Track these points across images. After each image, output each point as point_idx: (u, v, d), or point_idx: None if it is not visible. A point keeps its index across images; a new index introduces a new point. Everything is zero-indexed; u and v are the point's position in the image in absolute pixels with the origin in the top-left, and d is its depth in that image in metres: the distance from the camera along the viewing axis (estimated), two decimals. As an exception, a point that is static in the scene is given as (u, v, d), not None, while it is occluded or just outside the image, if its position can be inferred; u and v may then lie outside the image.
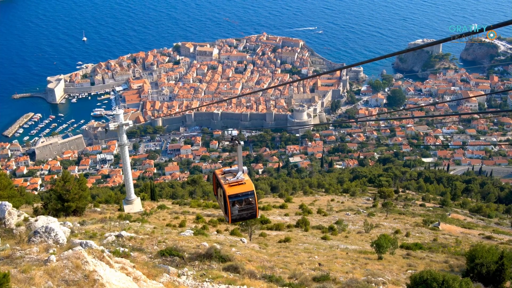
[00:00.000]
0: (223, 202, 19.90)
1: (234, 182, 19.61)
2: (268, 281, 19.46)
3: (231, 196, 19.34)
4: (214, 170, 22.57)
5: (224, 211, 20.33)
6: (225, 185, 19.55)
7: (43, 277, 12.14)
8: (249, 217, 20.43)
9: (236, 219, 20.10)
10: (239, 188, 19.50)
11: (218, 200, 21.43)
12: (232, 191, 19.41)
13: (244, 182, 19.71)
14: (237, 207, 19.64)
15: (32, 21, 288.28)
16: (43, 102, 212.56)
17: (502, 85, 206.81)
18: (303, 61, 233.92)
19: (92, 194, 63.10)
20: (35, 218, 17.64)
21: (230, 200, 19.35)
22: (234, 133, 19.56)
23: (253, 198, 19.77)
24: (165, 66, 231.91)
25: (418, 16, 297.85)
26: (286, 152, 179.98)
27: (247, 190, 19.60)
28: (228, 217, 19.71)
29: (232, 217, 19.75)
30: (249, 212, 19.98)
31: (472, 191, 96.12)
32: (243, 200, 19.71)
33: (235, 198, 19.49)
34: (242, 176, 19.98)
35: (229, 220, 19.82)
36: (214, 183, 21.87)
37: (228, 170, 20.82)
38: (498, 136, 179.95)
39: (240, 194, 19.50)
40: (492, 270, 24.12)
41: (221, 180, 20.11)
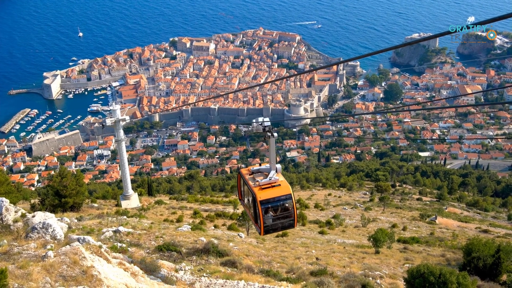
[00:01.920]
0: (253, 210, 16.77)
1: (266, 184, 16.50)
2: (266, 276, 19.48)
3: (263, 201, 16.22)
4: (239, 169, 18.92)
5: (253, 220, 17.30)
6: (255, 188, 16.46)
7: (40, 273, 12.14)
8: (286, 227, 17.29)
9: (269, 230, 16.96)
10: (272, 191, 16.40)
11: (245, 206, 18.34)
12: (264, 195, 16.25)
13: (278, 183, 16.58)
14: (271, 215, 16.55)
15: (26, 17, 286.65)
16: (40, 98, 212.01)
17: (498, 79, 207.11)
18: (299, 56, 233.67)
19: (89, 190, 63.04)
20: (33, 214, 17.62)
21: (262, 206, 16.24)
22: (266, 123, 16.63)
23: (290, 204, 16.67)
24: (161, 61, 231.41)
25: (414, 10, 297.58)
26: (283, 146, 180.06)
27: (283, 193, 16.47)
28: (260, 228, 16.56)
29: (264, 228, 16.60)
30: (286, 221, 16.83)
31: (468, 185, 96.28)
32: (279, 206, 16.62)
33: (269, 204, 16.40)
34: (276, 176, 16.84)
35: (261, 231, 16.67)
36: (239, 185, 18.64)
37: (257, 169, 17.60)
38: (495, 130, 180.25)
39: (275, 199, 16.40)
40: (488, 263, 24.20)
41: (249, 181, 16.95)
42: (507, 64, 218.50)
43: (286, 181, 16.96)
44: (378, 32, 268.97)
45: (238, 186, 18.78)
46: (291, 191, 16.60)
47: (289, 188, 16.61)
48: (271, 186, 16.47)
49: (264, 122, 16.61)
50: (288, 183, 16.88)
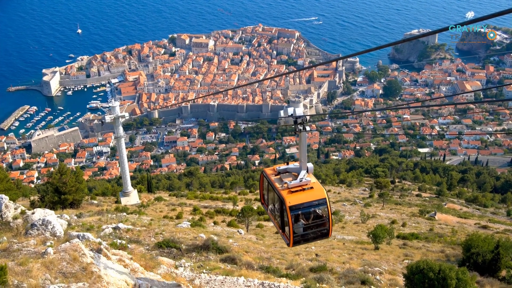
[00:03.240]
0: (280, 217, 14.45)
1: (296, 186, 14.16)
2: (265, 272, 19.52)
3: (293, 207, 13.78)
4: (262, 169, 16.36)
5: (280, 229, 14.81)
6: (283, 191, 14.09)
7: (40, 269, 12.14)
8: (319, 237, 14.74)
9: (300, 241, 14.40)
10: (304, 195, 14.00)
11: (270, 212, 15.78)
12: (294, 200, 13.84)
13: (311, 186, 14.22)
14: (302, 223, 14.14)
15: (23, 14, 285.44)
16: (39, 94, 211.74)
17: (497, 75, 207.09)
18: (299, 52, 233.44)
19: (89, 187, 63.05)
20: (32, 211, 17.63)
21: (292, 213, 13.77)
22: (299, 112, 14.16)
23: (325, 210, 14.32)
24: (161, 58, 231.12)
25: (412, 6, 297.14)
26: (282, 143, 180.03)
27: (317, 198, 14.06)
28: (289, 238, 14.05)
29: (294, 239, 14.09)
30: (319, 230, 14.41)
31: (468, 181, 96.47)
32: (311, 213, 14.25)
33: (300, 210, 13.98)
34: (307, 177, 14.53)
35: (290, 242, 14.09)
36: (262, 187, 16.20)
37: (284, 169, 15.26)
38: (494, 126, 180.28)
39: (307, 204, 13.98)
40: (488, 259, 24.27)
41: (276, 183, 14.58)
42: (506, 60, 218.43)
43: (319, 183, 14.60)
44: (377, 29, 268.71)
45: (261, 189, 16.38)
46: (326, 195, 14.26)
47: (324, 191, 14.27)
48: (302, 189, 14.07)
49: (297, 112, 14.17)
50: (321, 185, 14.53)
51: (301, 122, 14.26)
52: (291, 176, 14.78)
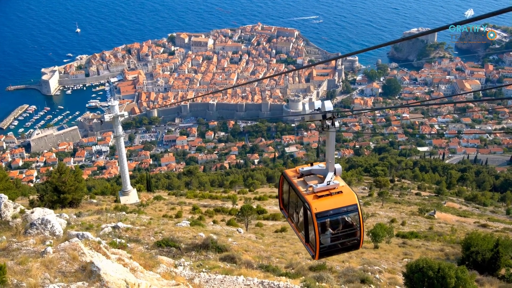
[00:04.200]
0: (304, 225, 13.03)
1: (323, 190, 12.71)
2: (265, 271, 19.52)
3: (320, 215, 12.35)
4: (283, 170, 14.93)
5: (303, 239, 13.44)
6: (308, 196, 12.65)
7: (39, 269, 12.14)
8: (348, 249, 13.37)
9: (327, 252, 13.07)
10: (332, 200, 12.57)
11: (291, 220, 14.37)
12: (321, 206, 12.42)
13: (339, 190, 12.78)
14: (330, 232, 12.71)
15: (21, 14, 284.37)
16: (38, 94, 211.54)
17: (497, 74, 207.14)
18: (298, 51, 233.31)
19: (88, 186, 63.05)
20: (31, 210, 17.62)
21: (318, 221, 12.34)
22: (328, 106, 12.48)
23: (356, 218, 12.90)
24: (160, 57, 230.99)
25: (411, 5, 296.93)
26: (281, 142, 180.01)
27: (347, 204, 12.63)
28: (314, 249, 12.69)
29: (321, 250, 12.68)
30: (348, 240, 12.97)
31: (467, 179, 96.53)
32: (340, 221, 12.80)
33: (327, 218, 12.51)
34: (335, 180, 13.06)
35: (315, 254, 12.75)
36: (281, 190, 14.74)
37: (308, 170, 13.72)
38: (493, 125, 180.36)
39: (335, 211, 12.54)
40: (487, 258, 24.30)
41: (299, 187, 13.12)
42: (506, 58, 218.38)
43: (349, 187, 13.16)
44: (376, 27, 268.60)
45: (280, 192, 14.82)
46: (357, 200, 12.78)
47: (354, 196, 12.80)
48: (330, 194, 12.65)
49: (326, 106, 12.50)
50: (351, 189, 13.10)
51: (332, 115, 12.60)
52: (316, 178, 13.30)
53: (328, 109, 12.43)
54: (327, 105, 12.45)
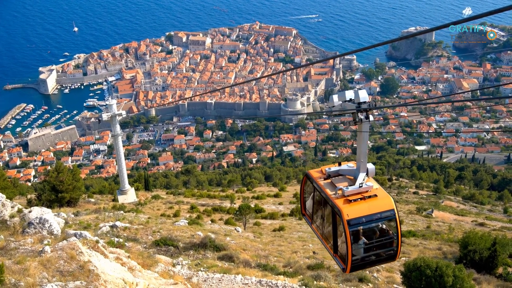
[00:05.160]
0: (332, 233, 11.66)
1: (354, 193, 11.36)
2: (263, 270, 19.54)
3: (353, 222, 10.96)
4: (306, 171, 13.40)
5: (331, 250, 12.00)
6: (338, 200, 11.28)
7: (37, 268, 12.13)
8: (384, 260, 11.89)
9: (360, 265, 11.56)
10: (366, 205, 11.19)
11: (316, 227, 12.86)
12: (354, 212, 11.03)
13: (373, 193, 11.44)
14: (364, 242, 11.27)
15: (16, 13, 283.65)
16: (36, 93, 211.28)
17: (494, 73, 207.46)
18: (296, 50, 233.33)
19: (86, 185, 63.02)
20: (29, 209, 17.60)
21: (350, 229, 10.92)
22: (363, 96, 11.19)
23: (393, 225, 11.51)
24: (157, 55, 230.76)
25: (409, 3, 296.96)
26: (279, 141, 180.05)
27: (383, 209, 11.28)
28: (346, 262, 11.25)
29: (353, 263, 11.22)
30: (384, 251, 11.57)
31: (465, 178, 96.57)
32: (375, 229, 11.42)
33: (361, 225, 11.09)
34: (368, 181, 11.73)
35: (347, 268, 11.27)
36: (303, 193, 13.40)
37: (336, 171, 12.35)
38: (491, 124, 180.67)
39: (370, 217, 11.17)
40: (485, 256, 24.33)
41: (326, 189, 11.76)
42: (503, 57, 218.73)
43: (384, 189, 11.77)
44: (374, 26, 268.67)
45: (302, 196, 13.39)
46: (394, 205, 11.40)
47: (391, 200, 11.41)
48: (363, 198, 11.28)
49: (361, 97, 11.17)
50: (387, 192, 11.72)
51: (367, 108, 11.24)
52: (346, 180, 11.92)
53: (363, 100, 11.16)
54: (361, 95, 11.15)
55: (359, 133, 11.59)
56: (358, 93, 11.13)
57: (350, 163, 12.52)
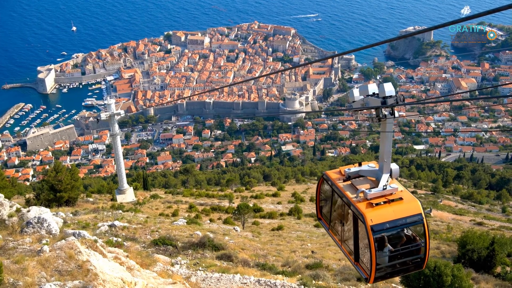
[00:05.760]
0: (353, 240, 10.83)
1: (377, 196, 10.54)
2: (261, 269, 19.53)
3: (377, 228, 10.15)
4: (323, 172, 12.36)
5: (353, 257, 11.08)
6: (360, 203, 10.48)
7: (36, 267, 12.12)
8: (410, 269, 11.09)
9: (385, 275, 10.74)
10: (391, 210, 10.38)
11: (334, 233, 11.96)
12: (378, 217, 10.22)
13: (399, 196, 10.65)
14: (389, 250, 10.46)
15: (15, 12, 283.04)
16: (34, 92, 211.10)
17: (493, 72, 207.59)
18: (294, 49, 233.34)
19: (85, 184, 62.95)
20: (28, 209, 17.59)
21: (374, 236, 10.12)
22: (389, 89, 10.17)
23: (420, 231, 10.79)
24: (156, 55, 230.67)
25: (408, 3, 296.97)
26: (278, 140, 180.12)
27: (410, 213, 10.54)
28: (369, 272, 10.43)
29: (377, 272, 10.41)
30: (411, 259, 10.73)
31: (463, 177, 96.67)
32: (401, 235, 10.65)
33: (385, 231, 10.30)
34: (392, 183, 10.88)
35: (370, 278, 10.46)
36: (319, 196, 12.60)
37: (356, 171, 11.52)
38: (489, 123, 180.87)
39: (396, 222, 10.38)
40: (483, 256, 24.34)
41: (346, 192, 10.96)
42: (502, 56, 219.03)
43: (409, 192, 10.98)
44: (373, 26, 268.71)
45: (318, 199, 12.58)
46: (422, 209, 10.74)
47: (418, 204, 10.74)
48: (388, 202, 10.45)
49: (386, 90, 10.15)
50: (412, 195, 10.95)
51: (394, 102, 10.23)
52: (368, 182, 11.11)
53: (389, 94, 10.14)
54: (387, 89, 10.15)
55: (383, 130, 10.77)
56: (383, 86, 10.19)
57: (371, 163, 11.68)
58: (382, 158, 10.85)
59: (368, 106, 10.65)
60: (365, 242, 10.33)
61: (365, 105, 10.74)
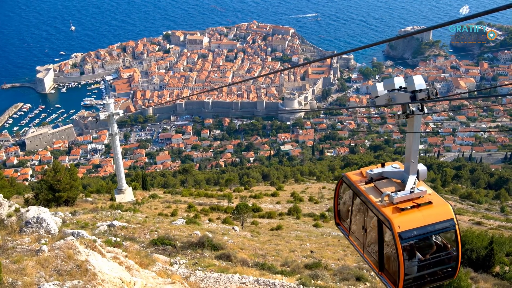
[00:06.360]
0: (379, 247, 9.96)
1: (404, 199, 9.76)
2: (260, 269, 19.53)
3: (406, 235, 9.31)
4: (343, 173, 11.54)
5: (377, 267, 10.20)
6: (385, 208, 9.68)
7: (35, 267, 12.11)
8: (441, 279, 10.04)
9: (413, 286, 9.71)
10: (420, 215, 9.55)
11: (355, 240, 11.09)
12: (406, 223, 9.38)
13: (428, 200, 9.82)
14: (419, 259, 9.59)
15: (13, 12, 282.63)
16: (33, 92, 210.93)
17: (491, 72, 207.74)
18: (293, 49, 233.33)
19: (83, 184, 62.85)
20: (26, 209, 17.58)
21: (403, 244, 9.27)
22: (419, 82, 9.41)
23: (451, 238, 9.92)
24: (155, 55, 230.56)
25: (407, 3, 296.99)
26: (277, 140, 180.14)
27: (441, 219, 9.68)
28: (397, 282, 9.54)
29: (405, 283, 9.51)
30: (442, 269, 9.87)
31: (462, 177, 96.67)
32: (432, 242, 9.76)
33: (415, 238, 9.45)
34: (420, 185, 10.17)
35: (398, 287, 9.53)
36: (338, 199, 11.75)
37: (379, 173, 10.71)
38: (488, 123, 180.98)
39: (426, 229, 9.52)
40: (482, 255, 24.38)
41: (370, 195, 10.16)
42: (500, 56, 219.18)
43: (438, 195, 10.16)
44: (371, 26, 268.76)
45: (336, 202, 11.74)
46: (454, 213, 9.86)
47: (449, 208, 9.88)
48: (416, 206, 9.62)
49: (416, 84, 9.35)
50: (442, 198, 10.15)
51: (425, 95, 9.33)
52: (393, 184, 10.28)
53: (419, 87, 9.31)
54: (417, 82, 9.32)
55: (410, 128, 9.91)
56: (413, 79, 9.31)
57: (394, 163, 10.83)
58: (408, 158, 10.07)
59: (394, 102, 9.80)
60: (391, 251, 9.53)
61: (390, 100, 9.95)
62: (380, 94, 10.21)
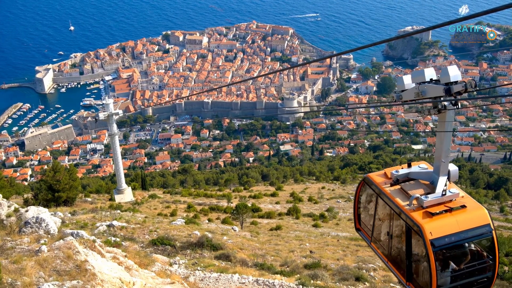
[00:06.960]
0: (407, 255, 9.21)
1: (435, 203, 9.02)
2: (260, 269, 19.53)
3: (438, 243, 8.61)
4: (365, 175, 10.77)
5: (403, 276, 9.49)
6: (414, 212, 8.94)
7: (34, 267, 12.10)
8: None
9: None
10: (453, 220, 8.81)
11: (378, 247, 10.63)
12: (439, 229, 8.67)
13: (461, 204, 9.08)
14: (453, 268, 8.86)
15: (12, 13, 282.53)
16: (32, 92, 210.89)
17: (491, 72, 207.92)
18: (293, 49, 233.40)
19: (83, 184, 62.80)
20: (26, 209, 17.56)
21: (435, 252, 8.55)
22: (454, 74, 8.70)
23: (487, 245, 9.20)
24: (154, 55, 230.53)
25: (406, 3, 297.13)
26: (276, 140, 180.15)
27: (476, 224, 8.94)
28: None
29: None
30: (477, 279, 9.08)
31: (461, 177, 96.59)
32: (467, 250, 9.01)
33: (449, 246, 8.72)
34: (452, 188, 9.44)
35: None
36: (358, 202, 11.01)
37: (405, 174, 9.89)
38: (487, 123, 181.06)
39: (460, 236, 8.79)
40: (481, 255, 24.32)
41: (396, 198, 9.44)
42: (500, 56, 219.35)
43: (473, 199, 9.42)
44: (371, 26, 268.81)
45: (356, 205, 11.02)
46: (490, 218, 9.15)
47: (485, 212, 9.17)
48: (449, 210, 8.87)
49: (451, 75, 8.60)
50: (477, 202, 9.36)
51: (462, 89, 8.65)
52: (421, 186, 9.48)
53: (454, 79, 8.62)
54: (452, 73, 8.57)
55: (442, 125, 9.18)
56: (448, 70, 8.51)
57: (421, 163, 10.04)
58: (439, 158, 9.22)
59: (425, 95, 8.90)
60: (422, 260, 8.83)
61: (420, 94, 9.04)
62: (408, 88, 9.42)
